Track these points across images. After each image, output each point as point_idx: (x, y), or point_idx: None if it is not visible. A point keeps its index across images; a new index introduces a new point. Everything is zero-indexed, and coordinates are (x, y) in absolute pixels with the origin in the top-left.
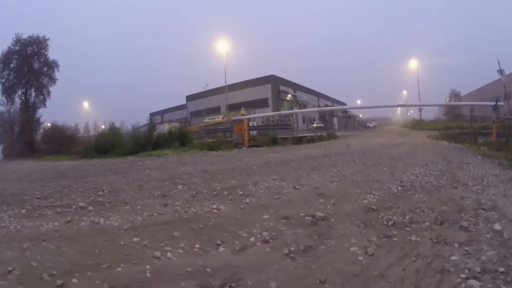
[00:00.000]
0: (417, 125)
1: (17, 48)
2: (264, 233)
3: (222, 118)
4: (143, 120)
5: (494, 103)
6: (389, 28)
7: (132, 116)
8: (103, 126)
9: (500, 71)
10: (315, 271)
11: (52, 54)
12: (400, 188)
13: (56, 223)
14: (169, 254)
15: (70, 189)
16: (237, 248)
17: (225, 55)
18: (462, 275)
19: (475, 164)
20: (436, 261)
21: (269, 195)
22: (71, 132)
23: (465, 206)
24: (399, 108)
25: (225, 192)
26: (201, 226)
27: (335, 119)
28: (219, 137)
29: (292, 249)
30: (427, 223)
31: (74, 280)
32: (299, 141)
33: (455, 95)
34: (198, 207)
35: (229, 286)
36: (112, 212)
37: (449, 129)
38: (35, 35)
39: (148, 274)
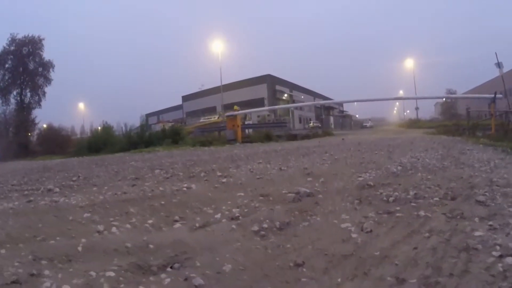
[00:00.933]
0: (414, 124)
1: (12, 48)
2: (234, 210)
3: (218, 118)
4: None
5: (492, 95)
6: (386, 28)
7: (130, 117)
8: (99, 128)
9: (498, 64)
10: (290, 251)
11: (48, 54)
12: (399, 168)
13: (16, 203)
14: (114, 229)
15: (48, 178)
16: (197, 225)
17: (221, 54)
18: (494, 253)
19: (478, 151)
20: (456, 238)
21: (250, 175)
22: (66, 133)
23: (476, 183)
24: (395, 108)
25: (202, 174)
26: (162, 203)
27: (332, 119)
28: (213, 135)
29: (265, 226)
30: (436, 199)
31: (2, 251)
32: (294, 138)
33: (451, 94)
34: (168, 187)
35: (170, 267)
36: (77, 193)
37: (446, 126)
38: (30, 35)
39: (79, 248)
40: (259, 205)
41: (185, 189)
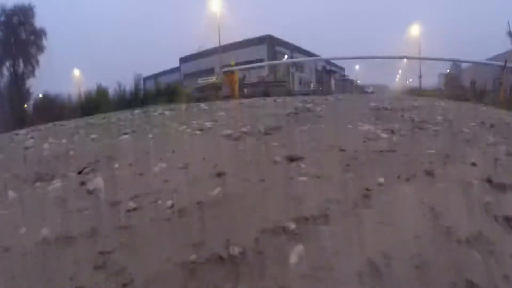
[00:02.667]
0: (416, 92)
1: (1, 18)
2: (207, 123)
3: (216, 79)
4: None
5: (503, 63)
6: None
7: (127, 81)
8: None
9: (510, 33)
10: (276, 148)
11: (39, 21)
12: (416, 104)
13: None
14: (45, 145)
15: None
16: (150, 136)
17: (220, 13)
18: None
19: (491, 109)
20: None
21: (238, 105)
22: (61, 101)
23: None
24: (397, 76)
25: (184, 106)
26: (121, 123)
27: (333, 82)
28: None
29: (244, 130)
30: (472, 124)
31: None
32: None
33: (456, 67)
34: (138, 116)
35: (78, 172)
36: (40, 131)
37: (450, 96)
38: (20, 3)
39: None
40: (241, 119)
41: (156, 114)
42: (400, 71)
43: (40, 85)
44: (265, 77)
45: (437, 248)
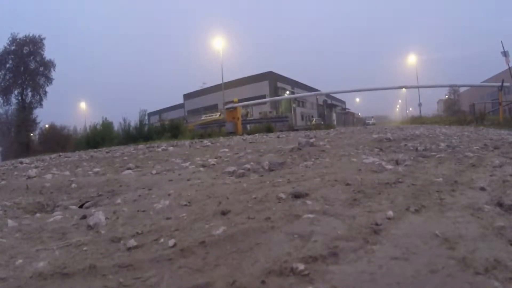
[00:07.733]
0: (417, 120)
1: (12, 48)
2: (210, 160)
3: (219, 115)
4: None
5: (499, 84)
6: (388, 22)
7: (132, 116)
8: (98, 124)
9: (504, 53)
10: (282, 184)
11: (49, 53)
12: (418, 132)
13: None
14: (47, 175)
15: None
16: (153, 172)
17: (222, 51)
18: None
19: (492, 130)
20: None
21: (241, 141)
22: (67, 132)
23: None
24: (397, 106)
25: (187, 143)
26: (125, 158)
27: (334, 116)
28: (212, 129)
29: (247, 167)
30: (476, 147)
31: None
32: (295, 131)
33: (454, 91)
34: (141, 151)
35: (80, 206)
36: (45, 162)
37: (451, 121)
38: (31, 35)
39: None
40: (243, 154)
41: (159, 150)
42: (400, 101)
43: (47, 115)
44: (267, 112)
45: (455, 281)
